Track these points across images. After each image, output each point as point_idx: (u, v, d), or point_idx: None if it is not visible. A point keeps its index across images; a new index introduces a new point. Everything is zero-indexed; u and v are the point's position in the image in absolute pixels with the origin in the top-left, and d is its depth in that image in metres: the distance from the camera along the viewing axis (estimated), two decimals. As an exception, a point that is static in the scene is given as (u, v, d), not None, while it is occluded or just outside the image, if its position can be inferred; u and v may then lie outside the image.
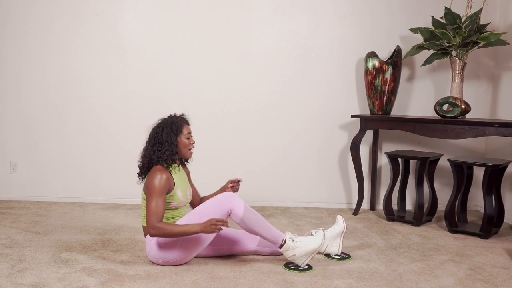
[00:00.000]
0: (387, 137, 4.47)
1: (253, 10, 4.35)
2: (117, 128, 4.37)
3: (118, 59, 4.34)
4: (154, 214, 2.70)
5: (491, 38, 3.81)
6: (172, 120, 2.88)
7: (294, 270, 2.80)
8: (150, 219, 2.70)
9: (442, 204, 4.21)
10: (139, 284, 2.57)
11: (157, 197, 2.72)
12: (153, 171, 2.78)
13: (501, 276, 2.82)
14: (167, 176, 2.77)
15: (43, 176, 4.42)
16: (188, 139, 2.89)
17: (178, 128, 2.85)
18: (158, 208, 2.71)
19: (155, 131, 2.86)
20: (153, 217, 2.69)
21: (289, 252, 2.80)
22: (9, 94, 4.38)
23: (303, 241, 2.82)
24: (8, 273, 2.67)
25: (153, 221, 2.69)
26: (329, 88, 4.41)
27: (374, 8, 4.37)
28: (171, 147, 2.82)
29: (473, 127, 3.66)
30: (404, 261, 3.03)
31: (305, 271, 2.80)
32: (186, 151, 2.90)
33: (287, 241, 2.80)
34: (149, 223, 2.70)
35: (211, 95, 4.38)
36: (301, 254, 2.80)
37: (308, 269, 2.82)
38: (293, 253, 2.80)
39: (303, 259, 2.81)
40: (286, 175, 4.46)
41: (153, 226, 2.68)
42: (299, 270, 2.80)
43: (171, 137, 2.83)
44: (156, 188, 2.73)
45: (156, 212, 2.70)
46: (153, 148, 2.82)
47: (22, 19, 4.30)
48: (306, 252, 2.80)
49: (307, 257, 2.81)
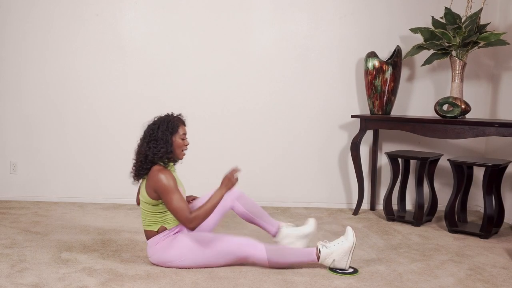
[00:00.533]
0: (387, 137, 4.47)
1: (253, 10, 4.35)
2: (117, 128, 4.37)
3: (118, 59, 4.34)
4: (182, 210, 2.67)
5: (491, 38, 3.81)
6: (169, 119, 2.83)
7: (340, 274, 2.76)
8: (182, 216, 2.67)
9: (442, 204, 4.21)
10: (139, 284, 2.57)
11: (173, 194, 2.68)
12: (155, 174, 2.72)
13: (501, 276, 2.82)
14: (169, 172, 2.74)
15: (43, 176, 4.42)
16: (182, 140, 2.84)
17: (174, 127, 2.81)
18: (181, 203, 2.68)
19: (150, 128, 2.82)
20: (182, 213, 2.67)
21: (329, 260, 2.78)
22: (9, 94, 4.38)
23: (336, 244, 2.79)
24: (8, 273, 2.67)
25: (186, 215, 2.67)
26: (329, 88, 4.41)
27: (374, 8, 4.37)
28: (166, 146, 2.78)
29: (473, 127, 3.65)
30: (404, 261, 3.03)
31: (351, 274, 2.76)
32: (179, 152, 2.85)
33: (321, 250, 2.78)
34: (183, 220, 2.67)
35: (211, 95, 4.38)
36: (341, 256, 2.77)
37: (354, 273, 2.78)
38: (332, 259, 2.77)
39: (344, 260, 2.77)
40: (286, 175, 4.46)
41: (188, 220, 2.66)
42: (345, 274, 2.76)
43: (166, 135, 2.78)
44: (168, 186, 2.68)
45: (182, 208, 2.67)
46: (148, 145, 2.77)
47: (22, 19, 4.30)
48: (343, 252, 2.77)
49: (347, 257, 2.77)
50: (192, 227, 2.69)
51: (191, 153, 4.29)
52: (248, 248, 2.77)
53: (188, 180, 4.43)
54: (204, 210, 2.69)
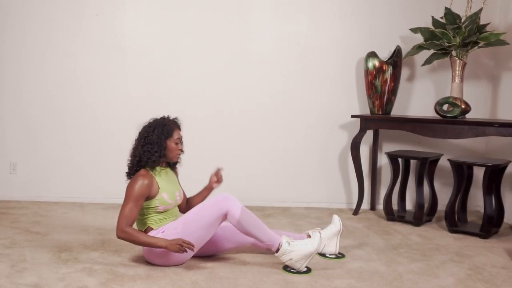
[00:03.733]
0: (387, 137, 4.47)
1: (253, 10, 4.35)
2: (117, 128, 4.36)
3: (118, 59, 4.34)
4: (125, 218, 2.68)
5: (491, 38, 3.81)
6: (165, 122, 2.83)
7: (293, 273, 2.77)
8: (121, 222, 2.68)
9: (442, 204, 4.21)
10: (139, 284, 2.57)
11: (132, 202, 2.70)
12: (136, 176, 2.76)
13: (501, 276, 2.82)
14: (149, 182, 2.74)
15: (43, 176, 4.42)
16: (176, 144, 2.84)
17: (169, 131, 2.81)
18: (131, 213, 2.69)
19: (146, 130, 2.82)
20: (123, 220, 2.68)
21: (285, 257, 2.75)
22: (9, 94, 4.38)
23: (300, 244, 2.76)
24: (8, 273, 2.67)
25: (123, 224, 2.68)
26: (329, 88, 4.41)
27: (374, 8, 4.36)
28: (160, 149, 2.78)
29: (473, 127, 3.65)
30: (404, 261, 3.03)
31: (305, 273, 2.77)
32: (172, 156, 2.86)
33: (283, 245, 2.75)
34: (118, 225, 2.69)
35: (211, 95, 4.38)
36: (298, 258, 2.75)
37: (307, 272, 2.79)
38: (289, 257, 2.75)
39: (300, 262, 2.75)
40: (286, 175, 4.46)
41: (122, 229, 2.68)
42: (298, 273, 2.76)
43: (161, 139, 2.79)
44: (134, 193, 2.70)
45: (128, 217, 2.68)
46: (143, 148, 2.78)
47: (22, 19, 4.30)
48: (303, 255, 2.75)
49: (304, 260, 2.75)
50: (120, 236, 2.70)
51: (191, 153, 4.30)
52: (226, 202, 2.73)
53: (188, 180, 4.43)
54: (137, 237, 2.69)
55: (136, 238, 2.69)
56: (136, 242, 2.71)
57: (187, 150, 4.11)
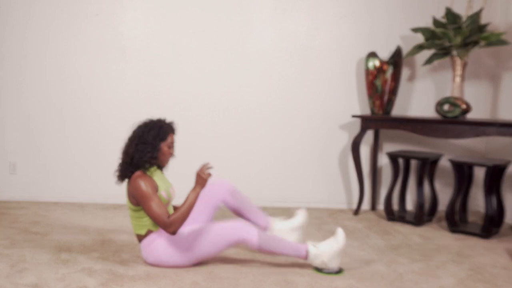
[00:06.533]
0: (388, 137, 4.47)
1: (253, 10, 4.35)
2: (117, 127, 4.35)
3: (118, 59, 4.34)
4: (160, 215, 2.66)
5: (491, 38, 3.80)
6: (161, 124, 2.82)
7: (327, 274, 2.76)
8: (161, 221, 2.66)
9: (443, 204, 4.21)
10: (139, 284, 2.57)
11: (152, 199, 2.68)
12: (134, 180, 2.73)
13: (502, 276, 2.82)
14: (148, 178, 2.74)
15: (43, 176, 4.42)
16: (169, 148, 2.84)
17: (164, 134, 2.80)
18: (160, 208, 2.67)
19: (141, 130, 2.81)
20: (161, 217, 2.66)
21: (317, 260, 2.77)
22: (9, 94, 4.37)
23: (327, 245, 2.78)
24: (8, 273, 2.67)
25: (164, 220, 2.65)
26: (329, 88, 4.41)
27: (374, 8, 4.36)
28: (153, 151, 2.77)
29: (473, 127, 3.65)
30: (405, 261, 3.03)
31: (337, 274, 2.76)
32: (163, 159, 2.85)
33: (310, 250, 2.77)
34: (162, 225, 2.66)
35: (211, 95, 4.38)
36: (330, 258, 2.75)
37: (339, 272, 2.78)
38: (321, 260, 2.76)
39: (333, 262, 2.76)
40: (286, 175, 4.46)
41: (167, 225, 2.65)
42: (331, 274, 2.76)
43: (156, 140, 2.78)
44: (146, 192, 2.69)
45: (161, 212, 2.66)
46: (136, 147, 2.77)
47: (22, 19, 4.30)
48: (333, 254, 2.75)
49: (336, 258, 2.76)
50: (172, 231, 2.67)
51: (191, 153, 4.31)
52: (241, 231, 2.74)
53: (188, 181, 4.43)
54: (181, 213, 2.67)
55: (182, 216, 2.66)
56: (185, 218, 2.68)
57: (187, 150, 4.12)
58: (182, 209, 2.68)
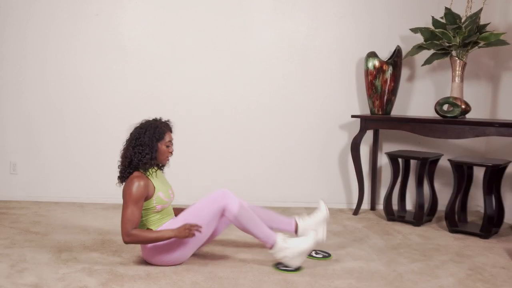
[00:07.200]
0: (387, 137, 4.47)
1: (253, 10, 4.35)
2: (117, 128, 4.34)
3: (118, 59, 4.34)
4: (129, 222, 2.67)
5: (491, 38, 3.81)
6: (157, 124, 2.82)
7: (283, 271, 2.77)
8: (125, 227, 2.67)
9: (442, 204, 4.21)
10: (139, 284, 2.57)
11: (133, 205, 2.68)
12: (131, 179, 2.73)
13: (501, 276, 2.82)
14: (145, 183, 2.73)
15: (43, 176, 4.42)
16: (167, 147, 2.84)
17: (160, 134, 2.80)
18: (133, 216, 2.68)
19: (137, 132, 2.81)
20: (128, 224, 2.67)
21: (280, 254, 2.76)
22: (9, 94, 4.37)
23: (296, 242, 2.77)
24: (8, 273, 2.67)
25: (128, 228, 2.66)
26: (329, 88, 4.41)
27: (374, 8, 4.36)
28: (151, 152, 2.77)
29: (473, 127, 3.65)
30: (405, 261, 3.03)
31: (295, 271, 2.77)
32: (163, 158, 2.85)
33: (278, 242, 2.76)
34: (123, 230, 2.67)
35: (211, 95, 4.38)
36: (293, 255, 2.76)
37: (296, 271, 2.78)
38: (284, 254, 2.76)
39: (295, 260, 2.76)
40: (286, 175, 4.46)
41: (128, 233, 2.67)
42: (288, 271, 2.77)
43: (152, 141, 2.78)
44: (133, 195, 2.69)
45: (131, 220, 2.67)
46: (134, 150, 2.77)
47: (22, 19, 4.30)
48: (298, 252, 2.75)
49: (299, 258, 2.77)
50: (125, 241, 2.69)
51: (191, 153, 4.32)
52: (224, 198, 2.76)
53: (188, 181, 4.44)
54: (144, 236, 2.68)
55: (143, 238, 2.69)
56: (144, 242, 2.71)
57: (187, 151, 4.13)
58: (149, 234, 2.68)
